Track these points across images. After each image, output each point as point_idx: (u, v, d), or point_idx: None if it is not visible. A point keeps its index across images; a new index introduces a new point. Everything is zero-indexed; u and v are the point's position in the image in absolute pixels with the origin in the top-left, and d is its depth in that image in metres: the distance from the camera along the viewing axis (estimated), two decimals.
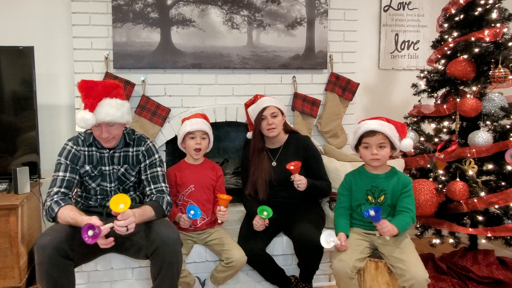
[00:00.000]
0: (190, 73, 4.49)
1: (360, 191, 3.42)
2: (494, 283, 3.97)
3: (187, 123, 3.75)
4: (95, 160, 3.40)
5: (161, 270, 3.15)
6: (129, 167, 3.46)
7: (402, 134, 3.35)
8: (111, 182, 3.44)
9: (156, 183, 3.45)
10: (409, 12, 5.49)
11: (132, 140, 3.48)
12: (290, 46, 4.64)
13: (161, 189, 3.44)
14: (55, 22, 4.56)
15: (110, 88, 3.24)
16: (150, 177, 3.46)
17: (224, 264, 3.63)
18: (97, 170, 3.40)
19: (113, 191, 3.46)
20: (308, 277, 3.84)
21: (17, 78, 4.21)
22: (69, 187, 3.29)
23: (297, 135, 4.09)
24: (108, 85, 3.25)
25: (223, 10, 4.45)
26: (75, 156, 3.35)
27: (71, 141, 3.40)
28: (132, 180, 3.50)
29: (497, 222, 3.94)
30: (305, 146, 3.98)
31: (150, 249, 3.17)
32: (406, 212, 3.29)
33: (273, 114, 3.88)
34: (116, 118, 3.20)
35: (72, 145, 3.37)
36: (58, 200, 3.19)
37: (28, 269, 4.10)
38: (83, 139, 3.41)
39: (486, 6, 4.12)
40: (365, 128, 3.34)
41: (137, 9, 4.27)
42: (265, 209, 3.59)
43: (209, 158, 4.06)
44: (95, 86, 3.19)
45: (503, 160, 3.93)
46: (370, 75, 5.49)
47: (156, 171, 3.47)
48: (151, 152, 3.49)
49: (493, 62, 4.02)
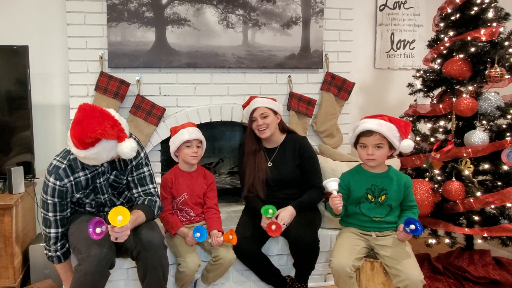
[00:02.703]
0: (185, 73, 4.48)
1: (360, 190, 3.42)
2: (490, 284, 3.96)
3: (184, 132, 3.71)
4: (84, 184, 3.22)
5: (146, 274, 3.16)
6: (118, 172, 3.35)
7: (403, 134, 3.32)
8: (103, 193, 3.35)
9: (143, 185, 3.38)
10: (405, 11, 5.48)
11: None
12: (286, 45, 4.62)
13: (149, 191, 3.39)
14: (50, 22, 4.54)
15: (103, 128, 2.90)
16: (137, 179, 3.37)
17: (212, 262, 3.63)
18: (88, 189, 3.28)
19: (108, 201, 3.41)
20: (304, 277, 3.83)
21: (11, 78, 4.20)
22: (64, 224, 3.26)
23: (294, 136, 4.06)
24: (98, 124, 2.90)
25: (218, 9, 4.44)
26: (61, 192, 3.16)
27: (52, 175, 3.12)
28: (125, 183, 3.42)
29: (493, 222, 3.93)
30: (302, 146, 3.95)
31: (134, 252, 3.17)
32: (413, 208, 3.40)
33: (263, 115, 3.85)
34: (112, 154, 3.02)
35: (54, 182, 3.12)
36: (60, 256, 3.32)
37: (23, 269, 4.10)
38: (64, 167, 3.14)
39: (482, 5, 4.12)
40: (362, 128, 3.34)
41: (132, 8, 4.26)
42: (269, 207, 3.57)
43: (204, 157, 4.05)
44: (85, 131, 2.86)
45: (499, 160, 3.93)
46: (365, 75, 5.48)
47: (142, 172, 3.38)
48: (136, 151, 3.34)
49: (489, 62, 4.02)
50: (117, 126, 2.93)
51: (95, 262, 2.93)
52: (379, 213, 3.37)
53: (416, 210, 3.42)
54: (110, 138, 2.87)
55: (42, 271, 4.10)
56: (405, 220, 3.15)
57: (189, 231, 3.59)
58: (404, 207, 3.42)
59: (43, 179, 3.20)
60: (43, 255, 4.05)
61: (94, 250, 2.96)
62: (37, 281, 4.07)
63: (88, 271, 2.92)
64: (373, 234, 3.37)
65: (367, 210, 3.39)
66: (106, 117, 2.90)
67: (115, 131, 2.91)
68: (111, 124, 2.89)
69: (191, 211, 3.80)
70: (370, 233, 3.39)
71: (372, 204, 3.37)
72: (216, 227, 3.67)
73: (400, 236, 3.25)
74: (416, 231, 3.10)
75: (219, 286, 3.99)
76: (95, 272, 2.93)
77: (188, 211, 3.80)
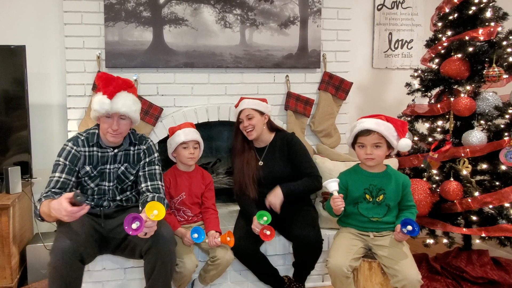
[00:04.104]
0: (182, 72, 4.47)
1: (358, 190, 3.41)
2: (488, 284, 3.96)
3: (180, 133, 3.72)
4: (95, 160, 3.38)
5: (154, 269, 3.14)
6: (130, 166, 3.46)
7: (401, 133, 3.33)
8: (109, 181, 3.42)
9: (153, 180, 3.45)
10: (403, 11, 5.48)
11: (136, 139, 3.51)
12: (283, 45, 4.61)
13: (158, 187, 3.44)
14: (47, 21, 4.54)
15: (129, 84, 3.37)
16: (148, 174, 3.46)
17: (210, 262, 3.62)
18: (96, 170, 3.37)
19: (111, 190, 3.44)
20: (302, 277, 3.85)
21: (8, 77, 4.19)
22: (63, 188, 3.23)
23: (282, 134, 4.07)
24: (128, 81, 3.38)
25: (215, 9, 4.43)
26: (75, 157, 3.32)
27: (71, 141, 3.36)
28: (131, 179, 3.48)
29: (491, 222, 3.93)
30: (289, 142, 3.95)
31: (144, 247, 3.15)
32: (411, 208, 3.40)
33: (248, 116, 3.86)
34: (131, 111, 3.29)
35: (72, 146, 3.33)
36: (42, 198, 3.12)
37: (20, 269, 4.09)
38: (83, 139, 3.37)
39: (480, 5, 4.12)
40: (360, 127, 3.34)
41: (129, 8, 4.25)
42: (264, 214, 3.56)
43: (202, 157, 4.05)
44: (116, 78, 3.32)
45: (497, 160, 3.92)
46: (363, 74, 5.48)
47: (154, 169, 3.49)
48: (151, 150, 3.53)
49: (487, 61, 4.02)
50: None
51: (59, 255, 2.94)
52: (377, 213, 3.36)
53: (414, 210, 3.41)
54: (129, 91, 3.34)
55: (39, 271, 4.09)
56: (402, 221, 3.14)
57: (186, 231, 3.59)
58: (402, 207, 3.41)
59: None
60: (40, 255, 4.07)
61: (59, 242, 2.99)
62: (34, 281, 4.07)
63: (55, 265, 2.94)
64: (370, 235, 3.37)
65: (365, 210, 3.38)
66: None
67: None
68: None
69: (189, 211, 3.80)
70: (368, 233, 3.39)
71: (370, 204, 3.37)
72: (213, 228, 3.67)
73: (397, 236, 3.25)
74: (413, 232, 3.10)
75: (216, 286, 3.99)
76: (62, 265, 2.93)
77: (186, 211, 3.80)
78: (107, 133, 3.29)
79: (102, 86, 3.26)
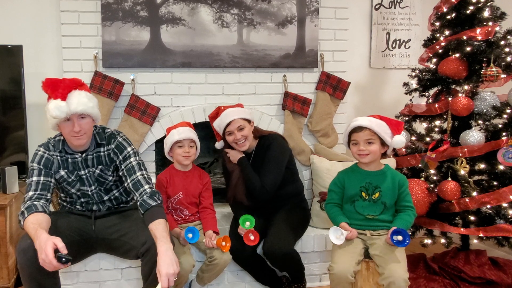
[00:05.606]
0: (180, 72, 4.46)
1: (354, 187, 3.42)
2: (486, 284, 3.96)
3: (174, 132, 3.71)
4: (70, 165, 3.30)
5: (152, 271, 3.10)
6: (104, 167, 3.35)
7: (395, 131, 3.33)
8: (90, 185, 3.36)
9: (131, 174, 3.29)
10: (401, 11, 5.47)
11: (103, 139, 3.37)
12: (281, 44, 4.61)
13: (136, 181, 3.26)
14: (44, 21, 4.53)
15: (79, 82, 3.23)
16: (126, 171, 3.31)
17: (207, 262, 3.62)
18: (73, 175, 3.30)
19: (95, 194, 3.38)
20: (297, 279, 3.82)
21: (5, 77, 4.19)
22: (45, 189, 3.18)
23: (266, 137, 3.95)
24: (75, 79, 3.23)
25: (213, 8, 4.42)
26: (48, 161, 3.25)
27: (42, 146, 3.30)
28: (111, 180, 3.41)
29: (489, 222, 3.92)
30: (267, 146, 3.86)
31: (141, 249, 3.14)
32: (408, 210, 3.36)
33: (240, 127, 3.76)
34: (88, 108, 3.13)
35: (44, 150, 3.27)
36: (30, 205, 3.04)
37: (17, 269, 4.07)
38: (53, 144, 3.31)
39: (478, 5, 4.10)
40: (353, 125, 3.38)
41: (127, 8, 4.24)
42: (247, 218, 3.56)
43: (199, 157, 4.04)
44: (62, 80, 3.16)
45: (495, 160, 3.92)
46: (361, 74, 5.47)
47: (129, 162, 3.32)
48: (122, 147, 3.36)
49: (485, 61, 4.01)
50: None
51: (21, 254, 2.92)
52: (373, 211, 3.36)
53: (412, 212, 3.36)
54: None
55: None
56: (394, 230, 3.13)
57: (181, 231, 3.58)
58: (399, 207, 3.40)
59: None
60: None
61: (21, 242, 2.97)
62: None
63: (21, 265, 2.93)
64: (367, 233, 3.37)
65: (361, 208, 3.38)
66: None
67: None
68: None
69: (186, 210, 3.79)
70: (365, 232, 3.39)
71: (366, 202, 3.37)
72: (211, 228, 3.67)
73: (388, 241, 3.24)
74: (402, 243, 3.09)
75: (214, 287, 3.98)
76: (26, 265, 2.90)
77: (183, 210, 3.79)
78: (71, 137, 3.17)
79: (51, 91, 3.11)
